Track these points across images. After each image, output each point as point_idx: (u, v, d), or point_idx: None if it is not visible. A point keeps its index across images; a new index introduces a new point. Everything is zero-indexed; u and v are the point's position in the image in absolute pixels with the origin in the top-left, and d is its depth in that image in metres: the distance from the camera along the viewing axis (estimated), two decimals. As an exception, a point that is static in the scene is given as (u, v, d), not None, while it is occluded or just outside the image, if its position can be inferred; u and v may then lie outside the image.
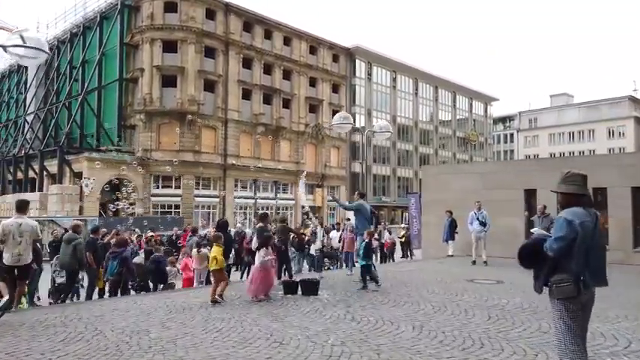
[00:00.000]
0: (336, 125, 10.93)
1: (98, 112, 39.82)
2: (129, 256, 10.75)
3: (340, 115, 10.93)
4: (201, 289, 9.14)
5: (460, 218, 15.63)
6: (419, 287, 8.86)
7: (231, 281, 9.27)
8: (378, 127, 12.19)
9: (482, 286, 9.10)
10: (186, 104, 37.27)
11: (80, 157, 35.37)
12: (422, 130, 60.64)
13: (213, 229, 18.49)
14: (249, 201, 41.51)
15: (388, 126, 12.28)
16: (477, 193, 15.63)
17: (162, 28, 37.67)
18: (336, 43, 49.94)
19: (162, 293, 8.53)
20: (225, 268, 9.59)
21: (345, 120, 10.78)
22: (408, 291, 8.47)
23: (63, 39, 46.02)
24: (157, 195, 37.08)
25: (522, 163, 18.35)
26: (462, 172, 17.89)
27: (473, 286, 9.13)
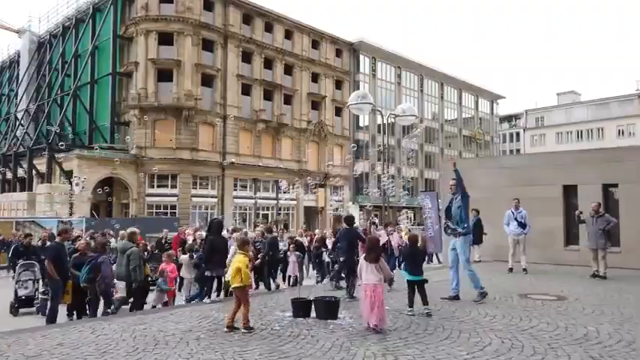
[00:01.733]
0: (353, 106, 8.95)
1: (90, 108, 37.95)
2: (106, 263, 8.85)
3: (358, 94, 9.10)
4: (185, 309, 7.21)
5: (486, 219, 13.78)
6: (465, 307, 6.96)
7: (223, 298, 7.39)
8: (401, 109, 10.20)
9: (544, 304, 7.19)
10: (183, 99, 35.35)
11: (70, 155, 33.44)
12: (427, 128, 58.73)
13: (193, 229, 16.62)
14: (248, 201, 39.59)
15: (413, 109, 10.29)
16: (507, 190, 13.72)
17: (157, 20, 35.76)
18: (340, 37, 48.06)
19: (135, 315, 6.59)
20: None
21: (363, 99, 8.81)
22: (454, 312, 6.56)
23: (55, 32, 44.18)
24: (152, 195, 35.17)
25: (561, 155, 16.35)
26: (488, 166, 15.94)
27: (532, 303, 7.22)
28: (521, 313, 6.47)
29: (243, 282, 5.69)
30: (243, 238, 6.27)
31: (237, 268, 5.67)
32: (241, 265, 5.65)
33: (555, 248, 13.43)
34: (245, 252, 5.89)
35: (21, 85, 45.72)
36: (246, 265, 5.79)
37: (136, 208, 34.37)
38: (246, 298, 5.73)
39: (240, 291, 5.69)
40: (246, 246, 5.96)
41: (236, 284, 5.71)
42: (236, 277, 5.68)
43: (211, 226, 8.07)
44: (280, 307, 6.93)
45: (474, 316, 6.29)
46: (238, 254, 5.88)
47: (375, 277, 5.66)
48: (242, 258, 5.77)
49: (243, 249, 5.91)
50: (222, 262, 7.58)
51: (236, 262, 5.76)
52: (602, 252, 10.29)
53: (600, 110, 71.72)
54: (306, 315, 6.17)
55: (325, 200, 45.00)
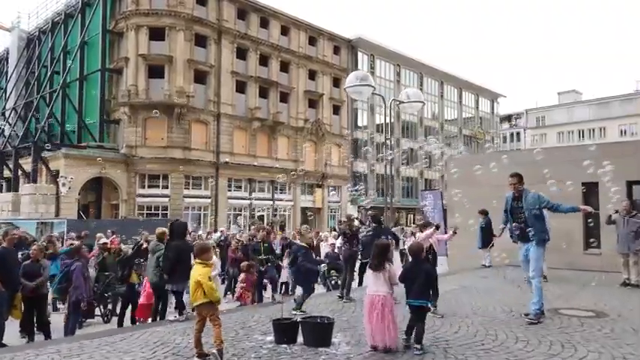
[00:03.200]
0: (351, 89, 7.69)
1: (79, 106, 36.66)
2: (79, 270, 7.60)
3: (357, 76, 7.78)
4: (140, 332, 5.88)
5: (496, 220, 12.56)
6: (490, 327, 5.70)
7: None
8: (405, 95, 8.94)
9: (582, 323, 5.95)
10: (175, 96, 34.04)
11: (57, 154, 32.12)
12: (427, 128, 57.61)
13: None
14: (243, 202, 38.28)
15: (419, 94, 9.03)
16: (518, 188, 12.43)
17: (148, 14, 34.47)
18: (337, 34, 46.84)
19: (76, 342, 5.29)
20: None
21: (362, 81, 7.55)
22: (475, 335, 5.30)
23: (44, 29, 42.88)
24: (142, 195, 33.86)
25: (580, 149, 15.11)
26: (499, 161, 14.67)
27: (568, 322, 5.98)
28: (560, 336, 5.23)
29: (208, 297, 4.47)
30: (202, 245, 5.02)
31: (197, 282, 4.45)
32: (201, 277, 4.46)
33: (574, 252, 12.21)
34: (205, 261, 4.67)
35: (9, 83, 44.41)
36: (208, 276, 4.57)
37: (126, 209, 33.07)
38: (215, 316, 4.51)
39: (206, 308, 4.47)
40: (205, 254, 4.72)
41: (199, 301, 4.49)
42: (197, 293, 4.47)
43: (174, 230, 6.77)
44: (262, 328, 5.69)
45: (502, 341, 5.04)
46: (197, 265, 4.66)
47: (383, 288, 4.95)
48: (202, 269, 4.58)
49: (202, 257, 4.69)
50: (187, 274, 6.35)
51: (195, 275, 4.54)
52: (635, 257, 9.09)
53: (602, 109, 70.80)
54: (292, 341, 4.93)
55: (323, 201, 43.77)
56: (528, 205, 6.44)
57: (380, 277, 4.99)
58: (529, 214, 6.38)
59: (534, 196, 6.53)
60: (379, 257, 5.11)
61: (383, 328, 4.72)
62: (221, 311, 7.05)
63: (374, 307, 4.84)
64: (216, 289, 4.71)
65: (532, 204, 6.43)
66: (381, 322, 4.74)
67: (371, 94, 8.27)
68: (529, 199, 6.49)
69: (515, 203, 6.63)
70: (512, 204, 6.66)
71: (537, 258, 6.30)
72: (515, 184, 6.66)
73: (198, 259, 4.71)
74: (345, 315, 6.58)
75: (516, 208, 6.57)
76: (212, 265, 4.87)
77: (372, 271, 5.10)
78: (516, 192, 6.62)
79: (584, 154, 13.12)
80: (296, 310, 6.43)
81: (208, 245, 5.05)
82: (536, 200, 6.46)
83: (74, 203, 31.32)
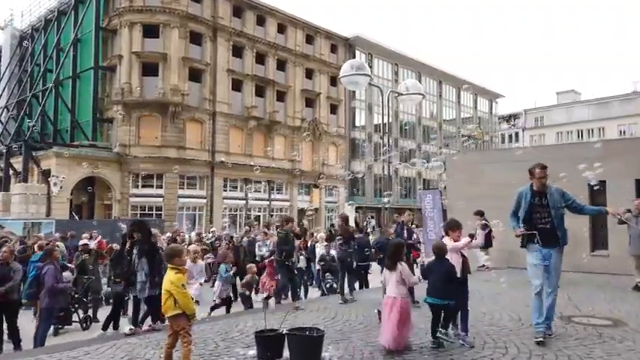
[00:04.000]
0: (346, 79, 7.13)
1: (72, 105, 36.04)
2: (51, 274, 7.00)
3: (352, 64, 7.19)
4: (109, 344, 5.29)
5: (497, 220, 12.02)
6: (495, 336, 5.14)
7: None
8: (404, 87, 8.38)
9: (600, 333, 5.39)
10: (169, 95, 33.44)
11: (49, 153, 31.49)
12: (425, 127, 57.14)
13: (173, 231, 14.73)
14: (239, 202, 37.68)
15: (418, 86, 8.48)
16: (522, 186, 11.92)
17: (142, 11, 33.88)
18: (335, 32, 46.31)
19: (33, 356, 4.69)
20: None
21: (359, 70, 6.99)
22: (483, 348, 4.74)
23: (37, 26, 42.28)
24: (136, 195, 33.23)
25: (587, 146, 14.58)
26: (500, 159, 14.19)
27: (584, 332, 5.43)
28: (578, 350, 4.68)
29: (181, 308, 3.91)
30: (172, 248, 4.43)
31: (167, 290, 3.89)
32: (172, 286, 3.88)
33: (580, 254, 11.69)
34: (177, 266, 4.10)
35: (2, 81, 43.74)
36: (181, 283, 4.00)
37: (119, 209, 32.45)
38: (186, 331, 3.93)
39: (177, 321, 3.91)
40: (176, 258, 4.14)
41: (170, 312, 3.92)
42: (168, 302, 3.91)
43: (140, 229, 6.13)
44: (245, 340, 5.13)
45: (514, 356, 4.49)
46: (169, 270, 4.09)
47: (395, 289, 4.92)
48: (173, 275, 4.01)
49: (173, 262, 4.12)
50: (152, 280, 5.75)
51: (165, 282, 3.98)
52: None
53: (601, 109, 70.51)
54: (277, 355, 4.37)
55: (320, 201, 43.20)
56: (555, 202, 5.39)
57: (392, 277, 4.94)
58: (556, 212, 5.36)
59: (559, 192, 5.52)
60: (393, 257, 5.08)
61: (391, 329, 4.69)
62: (204, 319, 6.50)
63: (391, 310, 4.82)
64: (191, 300, 4.12)
65: (558, 201, 5.41)
66: (388, 322, 4.74)
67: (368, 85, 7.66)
68: (555, 196, 5.44)
69: (536, 200, 5.50)
70: (532, 201, 5.49)
71: (560, 267, 5.45)
72: (543, 178, 5.55)
73: (169, 264, 4.14)
74: (338, 323, 6.02)
75: (538, 206, 5.46)
76: (185, 270, 4.30)
77: (388, 271, 5.07)
78: (541, 186, 5.55)
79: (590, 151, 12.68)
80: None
81: (179, 248, 4.45)
82: (561, 197, 5.47)
83: (66, 203, 30.71)
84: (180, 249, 4.40)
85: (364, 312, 6.71)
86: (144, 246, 5.82)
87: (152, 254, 5.62)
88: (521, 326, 5.74)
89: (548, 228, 5.34)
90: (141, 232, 5.98)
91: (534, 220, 5.43)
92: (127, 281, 5.91)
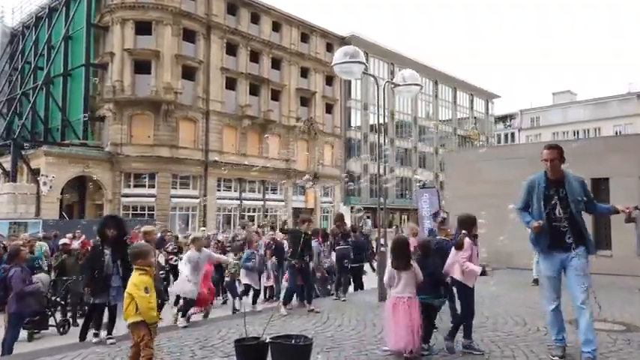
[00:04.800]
0: (340, 66, 6.66)
1: (63, 103, 35.46)
2: (17, 277, 6.47)
3: (345, 52, 6.72)
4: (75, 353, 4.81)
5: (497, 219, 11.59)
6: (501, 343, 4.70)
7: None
8: (401, 77, 7.94)
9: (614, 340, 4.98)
10: (162, 93, 32.89)
11: (38, 152, 30.88)
12: (421, 127, 56.81)
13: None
14: (233, 202, 37.16)
15: (416, 76, 8.03)
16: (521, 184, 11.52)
17: (134, 7, 33.32)
18: (331, 31, 45.92)
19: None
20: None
21: (352, 58, 6.54)
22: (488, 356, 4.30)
23: (28, 23, 41.62)
24: (128, 195, 32.66)
25: (590, 142, 14.28)
26: (501, 157, 13.78)
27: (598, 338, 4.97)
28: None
29: (143, 315, 3.44)
30: (137, 247, 3.95)
31: (129, 294, 3.43)
32: (134, 289, 3.42)
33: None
34: (143, 267, 3.63)
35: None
36: (146, 286, 3.53)
37: (111, 209, 31.79)
38: (146, 342, 3.46)
39: (137, 330, 3.44)
40: (141, 259, 3.67)
41: (130, 319, 3.46)
42: (129, 308, 3.45)
43: (115, 226, 5.58)
44: (226, 348, 4.67)
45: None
46: (134, 272, 3.61)
47: (409, 289, 4.62)
48: (137, 277, 3.54)
49: (137, 263, 3.65)
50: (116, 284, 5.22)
51: (130, 285, 3.51)
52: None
53: (597, 110, 70.55)
54: (260, 367, 3.88)
55: (315, 201, 42.74)
56: (575, 193, 4.32)
57: (403, 277, 4.61)
58: (576, 207, 4.30)
59: (579, 181, 4.44)
60: (404, 255, 4.68)
61: (410, 332, 4.42)
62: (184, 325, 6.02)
63: (397, 310, 4.53)
64: (154, 305, 3.63)
65: (579, 192, 4.35)
66: (404, 324, 4.43)
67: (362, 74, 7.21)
68: (574, 185, 4.37)
69: (550, 191, 4.41)
70: (547, 192, 4.41)
71: (586, 272, 4.33)
72: (553, 160, 4.38)
73: (134, 265, 3.67)
74: (329, 329, 5.56)
75: (551, 198, 4.35)
76: (152, 272, 3.84)
77: (396, 271, 4.66)
78: (556, 173, 4.41)
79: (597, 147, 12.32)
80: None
81: (146, 248, 3.95)
82: (582, 187, 4.41)
83: (55, 203, 30.12)
84: (147, 248, 3.91)
85: (358, 316, 6.26)
86: (119, 246, 5.27)
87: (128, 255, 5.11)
88: (529, 332, 5.31)
89: (566, 227, 4.31)
90: (116, 230, 5.47)
91: (549, 216, 4.37)
92: (98, 288, 5.29)
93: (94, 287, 5.35)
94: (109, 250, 5.25)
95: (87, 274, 5.55)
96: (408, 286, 4.58)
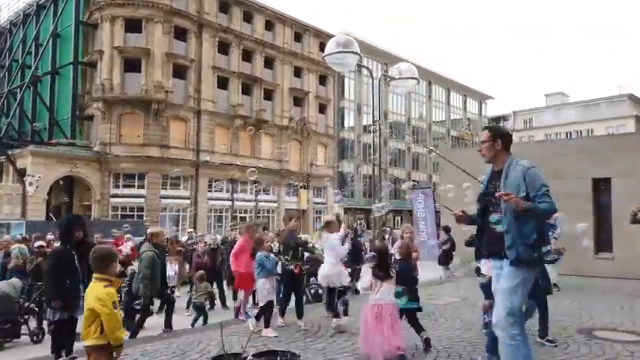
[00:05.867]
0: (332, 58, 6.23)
1: (51, 102, 34.75)
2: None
3: (338, 42, 6.28)
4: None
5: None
6: None
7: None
8: (397, 70, 7.55)
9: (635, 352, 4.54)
10: (152, 91, 32.29)
11: (24, 151, 30.19)
12: (414, 128, 56.57)
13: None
14: (225, 203, 36.60)
15: (413, 69, 7.63)
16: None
17: (124, 5, 32.67)
18: (324, 30, 45.46)
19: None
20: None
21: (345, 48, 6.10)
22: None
23: (16, 21, 40.84)
24: (116, 196, 32.02)
25: (591, 141, 13.95)
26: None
27: (611, 350, 4.59)
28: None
29: (109, 337, 2.94)
30: (100, 250, 3.32)
31: (91, 309, 2.94)
32: (99, 304, 2.92)
33: (583, 257, 10.94)
34: (105, 276, 3.11)
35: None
36: (112, 301, 3.02)
37: (99, 210, 31.23)
38: None
39: (99, 353, 2.94)
40: (106, 267, 3.13)
41: (93, 341, 2.95)
42: (91, 328, 2.94)
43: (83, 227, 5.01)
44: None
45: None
46: (94, 282, 3.10)
47: (390, 295, 4.64)
48: (102, 290, 3.01)
49: (101, 271, 3.12)
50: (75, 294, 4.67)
51: (89, 298, 3.01)
52: (665, 263, 7.76)
53: (589, 111, 70.82)
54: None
55: (308, 202, 42.27)
56: (509, 188, 3.37)
57: (385, 285, 4.59)
58: (509, 206, 3.31)
59: (523, 171, 3.42)
60: (384, 265, 4.66)
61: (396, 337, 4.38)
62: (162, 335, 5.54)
63: (381, 317, 4.42)
64: (121, 324, 3.09)
65: (515, 185, 3.37)
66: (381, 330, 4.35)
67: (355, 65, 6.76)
68: (510, 177, 3.45)
69: (490, 185, 3.63)
70: (487, 186, 3.65)
71: (513, 290, 3.35)
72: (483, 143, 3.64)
73: (98, 274, 3.16)
74: (321, 340, 5.12)
75: (491, 195, 3.52)
76: (118, 282, 3.35)
77: (378, 280, 4.61)
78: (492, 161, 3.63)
79: (599, 146, 11.97)
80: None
81: (109, 251, 3.37)
82: (523, 180, 3.37)
83: (42, 204, 29.45)
84: (110, 252, 3.32)
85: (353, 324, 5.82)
86: (85, 249, 4.68)
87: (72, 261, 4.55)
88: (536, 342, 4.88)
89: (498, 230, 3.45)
90: (83, 232, 4.94)
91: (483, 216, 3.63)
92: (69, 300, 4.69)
93: (65, 299, 4.70)
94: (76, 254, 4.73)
95: (55, 284, 4.80)
96: (387, 293, 4.57)
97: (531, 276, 3.46)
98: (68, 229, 4.88)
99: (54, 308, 4.68)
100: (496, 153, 3.58)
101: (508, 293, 3.34)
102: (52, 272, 4.85)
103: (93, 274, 3.14)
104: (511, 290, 3.34)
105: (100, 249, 3.34)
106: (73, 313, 4.59)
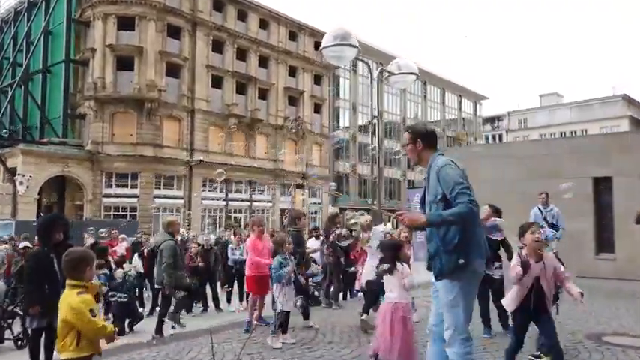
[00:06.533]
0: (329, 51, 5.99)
1: (42, 100, 34.30)
2: None
3: (336, 35, 6.03)
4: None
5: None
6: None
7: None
8: (396, 65, 7.30)
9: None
10: (145, 90, 31.90)
11: (15, 150, 29.73)
12: (410, 129, 56.47)
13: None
14: (219, 203, 36.26)
15: (411, 65, 7.41)
16: (520, 184, 11.02)
17: (117, 2, 32.26)
18: (319, 29, 45.13)
19: None
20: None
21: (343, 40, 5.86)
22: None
23: (7, 18, 40.29)
24: (109, 195, 31.61)
25: (591, 140, 13.78)
26: (495, 155, 13.22)
27: (624, 356, 4.36)
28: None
29: (92, 346, 2.67)
30: (74, 252, 3.00)
31: (65, 320, 2.66)
32: (73, 314, 2.64)
33: (584, 257, 10.75)
34: (79, 282, 2.82)
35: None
36: (89, 308, 2.74)
37: (91, 210, 30.82)
38: None
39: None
40: (80, 272, 2.84)
41: (70, 353, 2.68)
42: (67, 340, 2.66)
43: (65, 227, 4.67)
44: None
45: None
46: (69, 290, 2.81)
47: (400, 293, 4.37)
48: (76, 297, 2.72)
49: (74, 276, 2.82)
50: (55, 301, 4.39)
51: (64, 307, 2.73)
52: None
53: (584, 112, 71.07)
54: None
55: (303, 202, 41.97)
56: (430, 190, 3.19)
57: (395, 281, 4.37)
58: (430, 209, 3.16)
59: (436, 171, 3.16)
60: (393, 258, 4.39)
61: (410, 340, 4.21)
62: (151, 341, 5.28)
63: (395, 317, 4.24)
64: (103, 330, 2.75)
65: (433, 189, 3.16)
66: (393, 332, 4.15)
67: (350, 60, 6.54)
68: (431, 179, 3.21)
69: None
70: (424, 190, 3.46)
71: (452, 304, 3.05)
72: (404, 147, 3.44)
73: (72, 279, 2.86)
74: (318, 347, 4.86)
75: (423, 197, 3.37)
76: (96, 287, 3.06)
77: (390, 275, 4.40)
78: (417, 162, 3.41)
79: (599, 145, 11.79)
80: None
81: (84, 254, 3.02)
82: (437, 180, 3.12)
83: (33, 204, 28.98)
84: (87, 255, 3.00)
85: (352, 330, 5.56)
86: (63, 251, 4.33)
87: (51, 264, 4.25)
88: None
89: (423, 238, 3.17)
90: (64, 234, 4.64)
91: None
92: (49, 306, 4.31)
93: (44, 306, 4.36)
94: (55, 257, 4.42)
95: (33, 289, 4.48)
96: (401, 289, 4.35)
97: (470, 286, 3.05)
98: (47, 229, 4.57)
99: (32, 315, 4.37)
100: (419, 154, 3.34)
101: (448, 307, 3.05)
102: (30, 276, 4.54)
103: (66, 280, 2.85)
104: (450, 304, 3.03)
105: (73, 252, 3.02)
106: (53, 320, 4.28)
